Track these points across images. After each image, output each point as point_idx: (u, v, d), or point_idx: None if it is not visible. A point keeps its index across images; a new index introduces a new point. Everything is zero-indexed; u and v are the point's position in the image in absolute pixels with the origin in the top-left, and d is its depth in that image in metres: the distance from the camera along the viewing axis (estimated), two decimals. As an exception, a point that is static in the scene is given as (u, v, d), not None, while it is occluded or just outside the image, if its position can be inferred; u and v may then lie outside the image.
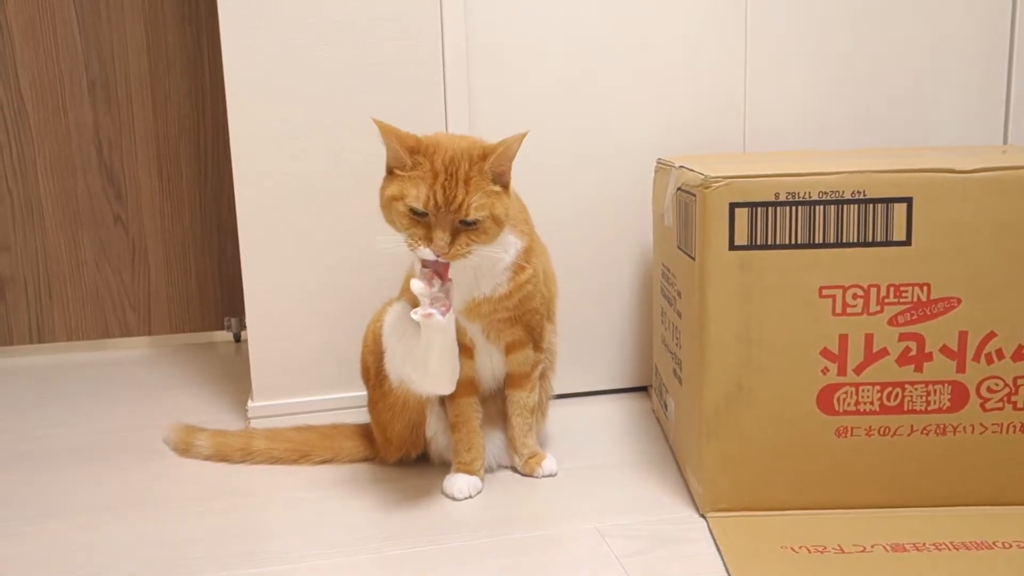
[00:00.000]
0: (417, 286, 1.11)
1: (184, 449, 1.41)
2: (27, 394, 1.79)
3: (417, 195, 1.10)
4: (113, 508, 1.24)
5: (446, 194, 1.10)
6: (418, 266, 1.15)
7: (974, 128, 1.68)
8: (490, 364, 1.29)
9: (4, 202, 1.99)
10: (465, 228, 1.11)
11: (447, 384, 1.19)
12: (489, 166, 1.12)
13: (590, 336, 1.63)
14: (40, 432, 1.55)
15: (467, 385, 1.25)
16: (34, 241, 2.02)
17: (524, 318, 1.25)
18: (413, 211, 1.11)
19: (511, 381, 1.30)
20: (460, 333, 1.22)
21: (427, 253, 1.11)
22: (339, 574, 1.05)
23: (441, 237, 1.10)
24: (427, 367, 1.16)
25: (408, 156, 1.12)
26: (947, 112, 1.67)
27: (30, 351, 2.09)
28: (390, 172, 1.15)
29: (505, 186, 1.15)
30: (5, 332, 2.05)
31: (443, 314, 1.12)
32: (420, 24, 1.47)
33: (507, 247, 1.19)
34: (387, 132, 1.12)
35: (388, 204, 1.14)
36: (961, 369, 1.12)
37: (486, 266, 1.18)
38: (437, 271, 1.12)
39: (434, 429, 1.30)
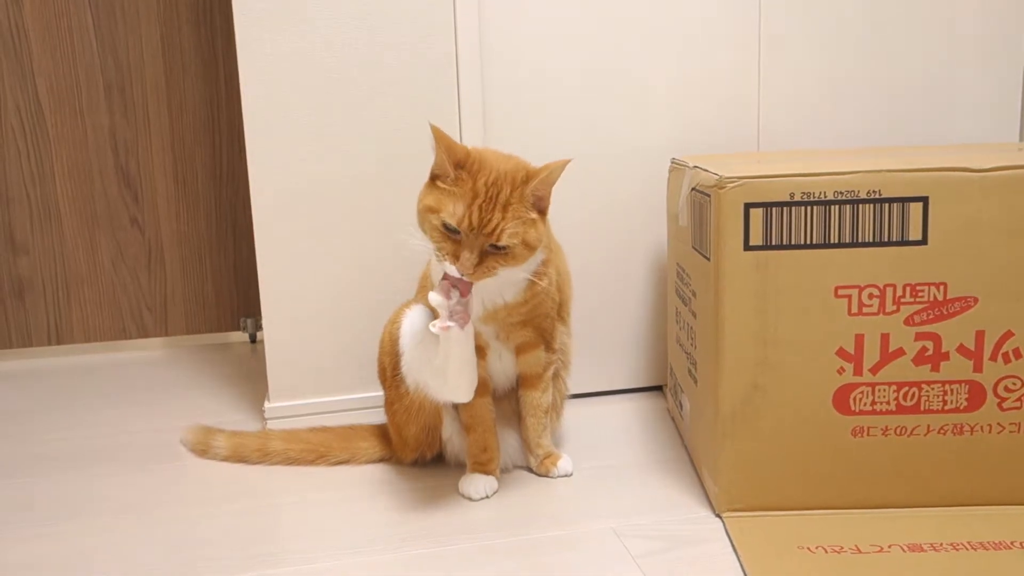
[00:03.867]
0: (435, 298, 1.11)
1: (202, 450, 1.42)
2: (46, 396, 1.81)
3: (453, 212, 1.09)
4: (134, 509, 1.25)
5: (482, 217, 1.09)
6: (435, 266, 1.16)
7: (990, 126, 1.67)
8: (502, 365, 1.29)
9: (22, 205, 2.01)
10: (494, 251, 1.10)
11: (465, 393, 1.19)
12: (531, 191, 1.11)
13: (604, 336, 1.63)
14: (59, 434, 1.57)
15: (481, 385, 1.26)
16: (52, 244, 2.04)
17: (535, 321, 1.25)
18: (446, 226, 1.10)
19: (524, 382, 1.31)
20: (474, 335, 1.22)
21: (452, 269, 1.10)
22: (356, 574, 1.06)
23: (468, 258, 1.09)
24: (446, 377, 1.16)
25: (453, 169, 1.11)
26: (962, 110, 1.67)
27: (48, 352, 2.11)
28: (433, 179, 1.14)
29: (543, 212, 1.15)
30: (24, 334, 2.07)
31: (461, 326, 1.12)
32: (434, 23, 1.47)
33: (529, 260, 1.19)
34: (440, 140, 1.11)
35: (424, 213, 1.13)
36: (978, 368, 1.11)
37: (508, 280, 1.18)
38: (456, 285, 1.12)
39: (450, 431, 1.31)
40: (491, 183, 1.10)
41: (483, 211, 1.09)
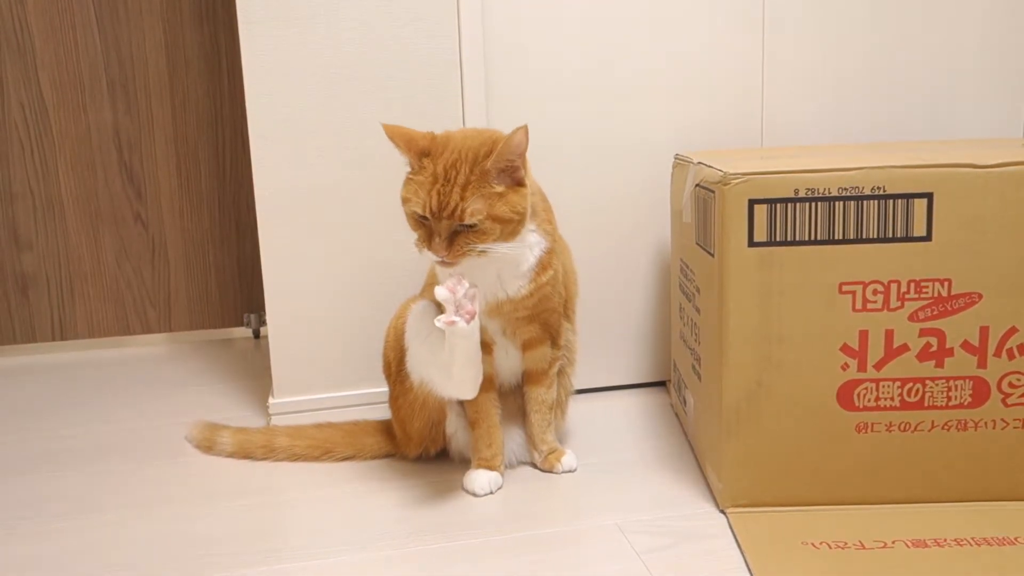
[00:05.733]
0: (442, 293, 1.11)
1: (207, 447, 1.42)
2: (50, 392, 1.81)
3: (417, 200, 1.11)
4: (139, 505, 1.26)
5: (440, 199, 1.10)
6: (440, 267, 1.16)
7: (994, 122, 1.67)
8: (508, 361, 1.30)
9: (26, 201, 2.02)
10: (464, 230, 1.11)
11: (470, 390, 1.20)
12: (492, 164, 1.10)
13: (608, 331, 1.63)
14: (65, 431, 1.57)
15: (486, 381, 1.26)
16: (56, 240, 2.04)
17: (542, 317, 1.25)
18: (417, 215, 1.12)
19: (529, 377, 1.31)
20: (480, 330, 1.22)
21: (429, 255, 1.12)
22: (362, 570, 1.06)
23: (438, 242, 1.10)
24: (451, 373, 1.17)
25: (417, 160, 1.13)
26: (966, 106, 1.66)
27: (53, 348, 2.12)
28: (408, 174, 1.16)
29: (518, 182, 1.13)
30: (28, 329, 2.08)
31: (467, 321, 1.12)
32: (438, 19, 1.47)
33: (531, 247, 1.20)
34: (394, 136, 1.13)
35: (403, 207, 1.15)
36: (982, 364, 1.11)
37: (510, 268, 1.18)
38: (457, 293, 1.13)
39: (454, 427, 1.31)
40: (450, 165, 1.11)
41: (441, 194, 1.10)
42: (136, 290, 2.10)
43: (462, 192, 1.10)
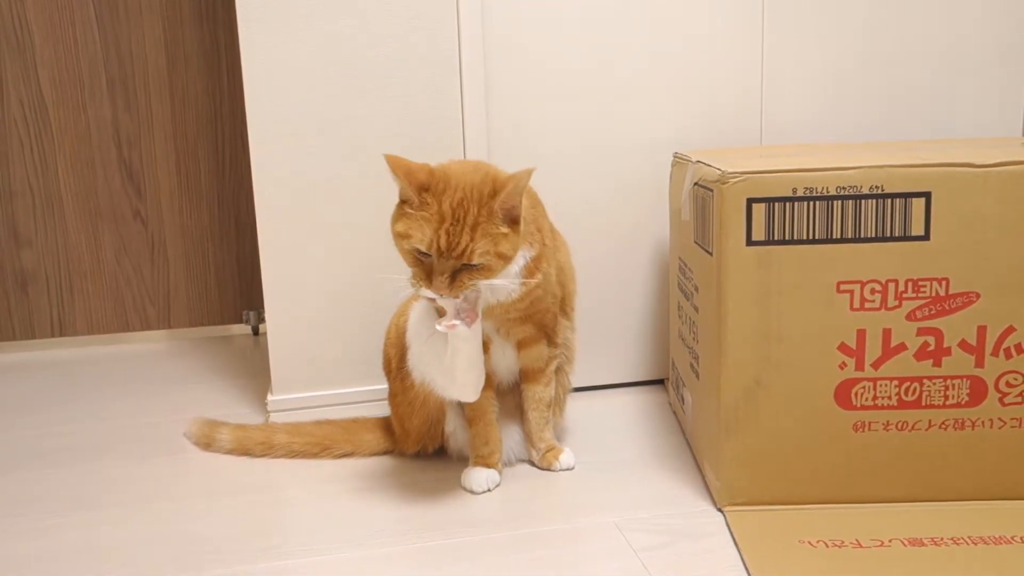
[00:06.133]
0: (444, 299, 1.11)
1: (206, 443, 1.42)
2: (49, 388, 1.81)
3: (422, 238, 1.07)
4: (137, 502, 1.26)
5: (450, 240, 1.07)
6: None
7: (992, 121, 1.67)
8: (505, 359, 1.30)
9: (26, 198, 2.02)
10: (466, 268, 1.09)
11: (472, 393, 1.20)
12: (498, 205, 1.09)
13: (607, 329, 1.63)
14: (63, 427, 1.57)
15: (485, 379, 1.26)
16: (55, 236, 2.04)
17: (535, 318, 1.26)
18: (418, 251, 1.09)
19: (526, 376, 1.31)
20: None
21: (427, 293, 1.09)
22: (360, 567, 1.06)
23: (439, 281, 1.07)
24: (453, 376, 1.17)
25: (417, 194, 1.09)
26: (965, 105, 1.66)
27: (52, 344, 2.12)
28: (402, 203, 1.12)
29: (515, 221, 1.12)
30: (27, 326, 2.08)
31: (468, 325, 1.12)
32: (437, 18, 1.47)
33: (515, 260, 1.17)
34: (396, 167, 1.09)
35: (396, 239, 1.11)
36: (980, 364, 1.12)
37: (496, 282, 1.16)
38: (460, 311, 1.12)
39: (453, 425, 1.31)
40: (457, 204, 1.07)
41: (451, 234, 1.07)
42: (135, 287, 2.10)
43: (472, 233, 1.07)
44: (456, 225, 1.07)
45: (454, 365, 1.16)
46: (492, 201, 1.08)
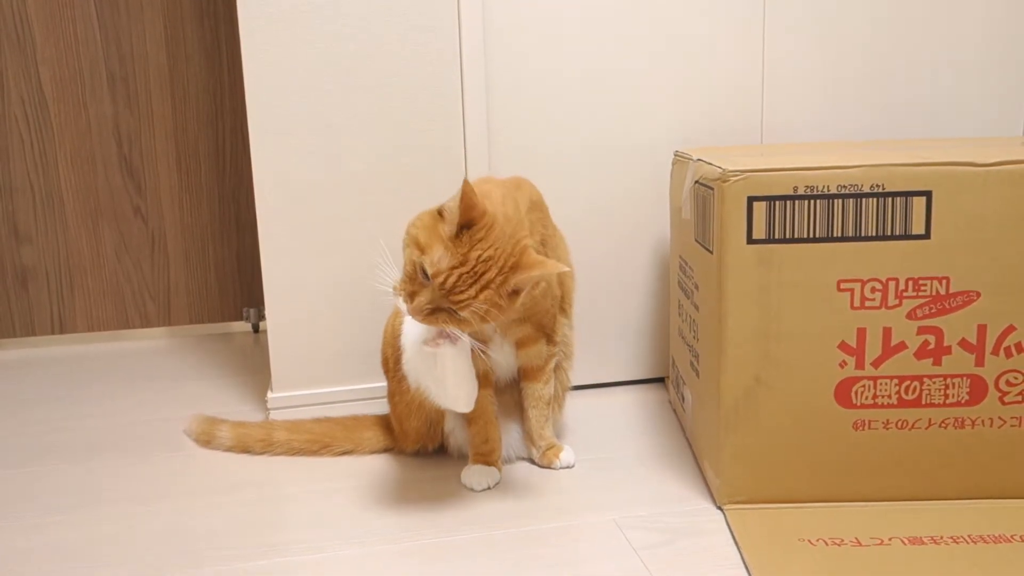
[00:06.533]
0: None
1: (206, 440, 1.42)
2: (49, 385, 1.81)
3: (434, 263, 1.05)
4: (137, 499, 1.26)
5: (456, 284, 1.05)
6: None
7: (993, 120, 1.67)
8: (504, 357, 1.29)
9: (26, 195, 2.02)
10: (451, 312, 1.07)
11: (465, 405, 1.19)
12: (515, 280, 1.07)
13: (607, 327, 1.63)
14: (64, 423, 1.57)
15: (483, 378, 1.26)
16: (55, 233, 2.04)
17: (534, 318, 1.25)
18: (422, 268, 1.07)
19: (526, 374, 1.31)
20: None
21: (401, 305, 1.08)
22: (360, 564, 1.06)
23: (421, 304, 1.06)
24: (445, 389, 1.16)
25: (457, 227, 1.06)
26: (966, 103, 1.66)
27: (52, 342, 2.12)
28: (439, 212, 1.10)
29: (515, 294, 1.10)
30: (27, 323, 2.08)
31: (454, 343, 1.12)
32: (438, 16, 1.47)
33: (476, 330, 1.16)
34: (465, 197, 1.04)
35: (410, 242, 1.09)
36: (980, 363, 1.12)
37: (462, 336, 1.15)
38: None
39: (452, 424, 1.31)
40: (484, 259, 1.05)
41: (460, 280, 1.05)
42: (135, 284, 2.10)
43: (478, 292, 1.05)
44: (470, 276, 1.05)
45: (444, 379, 1.15)
46: (511, 273, 1.07)
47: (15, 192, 2.01)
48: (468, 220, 1.06)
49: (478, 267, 1.05)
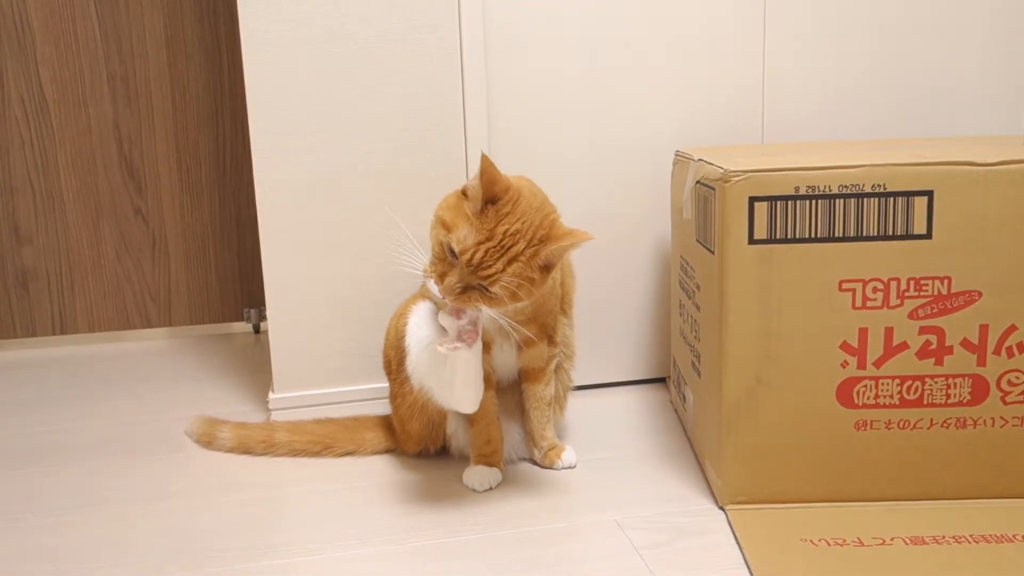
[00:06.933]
0: (445, 319, 1.11)
1: (207, 441, 1.42)
2: (51, 386, 1.81)
3: (461, 240, 1.07)
4: (138, 500, 1.26)
5: (485, 259, 1.06)
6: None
7: (995, 119, 1.67)
8: (505, 358, 1.29)
9: (26, 195, 2.02)
10: (480, 288, 1.08)
11: (470, 405, 1.19)
12: (544, 254, 1.09)
13: (608, 327, 1.63)
14: (64, 424, 1.57)
15: (485, 379, 1.25)
16: (56, 234, 2.04)
17: (539, 319, 1.25)
18: (449, 248, 1.08)
19: (527, 375, 1.31)
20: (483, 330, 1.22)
21: (433, 288, 1.09)
22: (362, 565, 1.06)
23: (452, 283, 1.07)
24: (452, 390, 1.16)
25: (482, 203, 1.08)
26: (968, 102, 1.66)
27: (52, 342, 2.12)
28: (463, 193, 1.12)
29: (548, 269, 1.11)
30: (28, 323, 2.08)
31: (470, 346, 1.12)
32: (439, 15, 1.47)
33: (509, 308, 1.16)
34: (485, 171, 1.06)
35: (436, 223, 1.11)
36: (982, 362, 1.12)
37: (494, 314, 1.16)
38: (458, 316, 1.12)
39: (454, 426, 1.31)
40: (511, 232, 1.07)
41: (488, 254, 1.06)
42: (136, 284, 2.10)
43: (507, 265, 1.07)
44: (498, 250, 1.06)
45: (452, 381, 1.15)
46: (541, 246, 1.08)
47: (15, 192, 2.01)
48: (492, 195, 1.07)
49: (505, 240, 1.06)
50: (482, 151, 1.10)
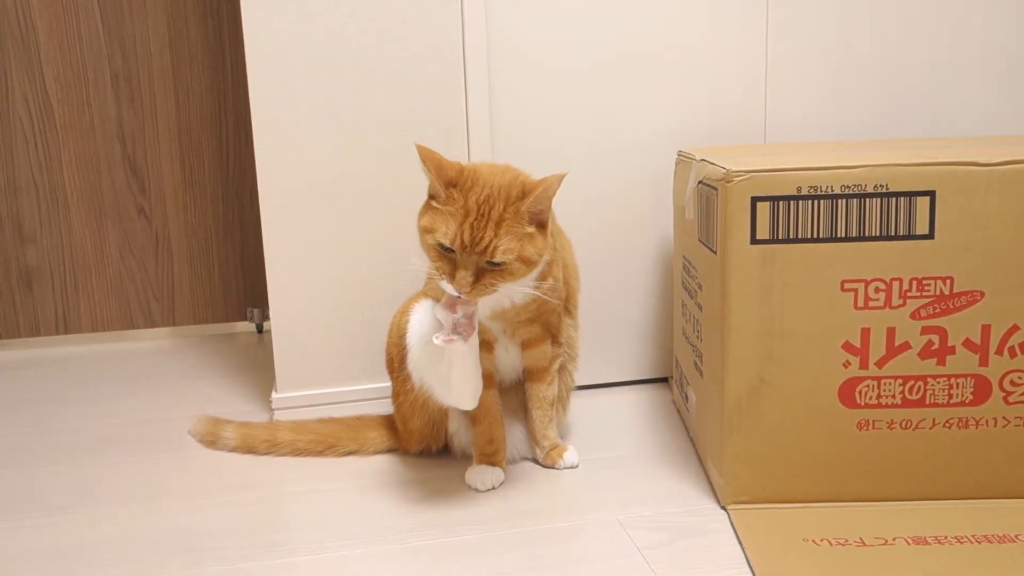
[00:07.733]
0: (440, 312, 1.11)
1: (211, 441, 1.43)
2: (54, 385, 1.82)
3: (446, 232, 1.08)
4: (141, 499, 1.26)
5: (474, 234, 1.07)
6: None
7: (996, 118, 1.67)
8: (509, 358, 1.30)
9: (30, 195, 2.02)
10: (491, 268, 1.09)
11: (469, 402, 1.19)
12: (526, 207, 1.10)
13: (610, 327, 1.63)
14: (68, 423, 1.58)
15: (487, 378, 1.26)
16: (60, 233, 2.05)
17: (543, 318, 1.26)
18: (441, 246, 1.10)
19: (530, 375, 1.31)
20: (482, 330, 1.22)
21: (450, 288, 1.10)
22: (364, 564, 1.07)
23: (463, 276, 1.08)
24: (450, 386, 1.17)
25: (444, 189, 1.10)
26: (969, 102, 1.66)
27: (56, 342, 2.12)
28: (429, 199, 1.14)
29: (543, 225, 1.13)
30: (32, 323, 2.08)
31: (465, 339, 1.12)
32: (442, 15, 1.47)
33: (529, 274, 1.17)
34: (427, 159, 1.10)
35: (421, 234, 1.13)
36: (984, 362, 1.11)
37: (511, 292, 1.17)
38: (455, 307, 1.12)
39: (456, 425, 1.31)
40: (483, 200, 1.09)
41: (475, 228, 1.08)
42: (139, 284, 2.11)
43: (496, 229, 1.08)
44: (480, 220, 1.08)
45: (450, 377, 1.16)
46: (520, 202, 1.10)
47: (19, 192, 2.01)
48: (448, 179, 1.10)
49: (483, 208, 1.09)
50: (415, 143, 1.12)
